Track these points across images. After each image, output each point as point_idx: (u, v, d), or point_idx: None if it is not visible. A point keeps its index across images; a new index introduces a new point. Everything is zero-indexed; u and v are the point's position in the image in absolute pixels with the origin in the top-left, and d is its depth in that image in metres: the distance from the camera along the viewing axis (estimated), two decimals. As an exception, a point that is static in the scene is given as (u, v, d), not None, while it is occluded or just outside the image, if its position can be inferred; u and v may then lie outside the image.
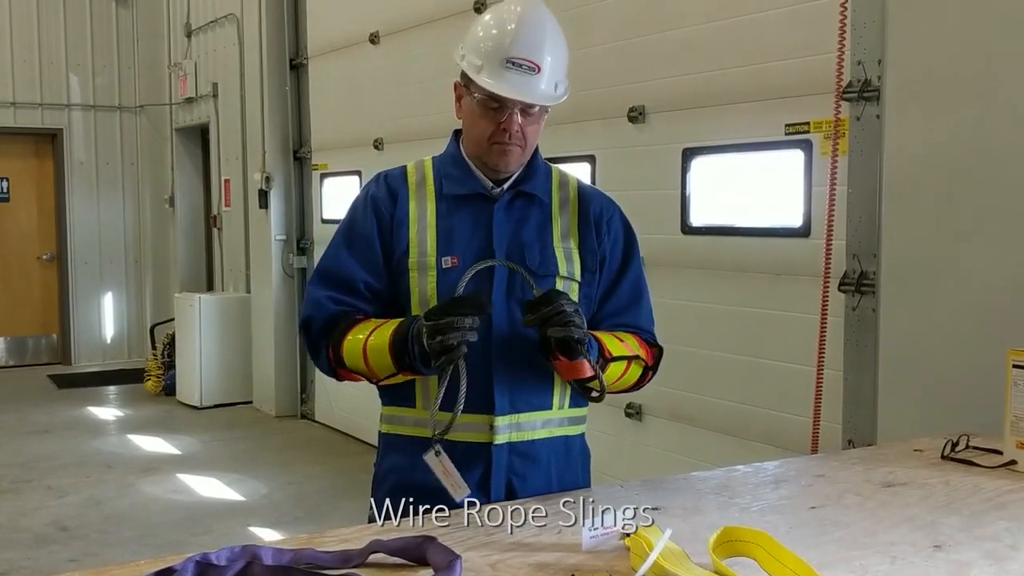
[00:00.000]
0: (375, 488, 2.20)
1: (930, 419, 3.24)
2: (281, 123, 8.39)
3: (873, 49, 3.56)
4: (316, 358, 2.13)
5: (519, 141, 2.05)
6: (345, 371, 2.07)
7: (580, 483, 2.20)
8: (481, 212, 2.10)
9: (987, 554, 1.64)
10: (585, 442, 2.25)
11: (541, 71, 2.03)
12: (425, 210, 2.11)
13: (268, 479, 6.37)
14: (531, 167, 2.15)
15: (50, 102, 10.42)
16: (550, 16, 2.11)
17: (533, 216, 2.13)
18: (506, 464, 2.07)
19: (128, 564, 1.57)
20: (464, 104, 2.10)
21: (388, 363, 1.97)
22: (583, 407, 2.20)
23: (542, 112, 2.09)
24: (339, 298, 2.09)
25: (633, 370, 2.15)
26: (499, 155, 2.06)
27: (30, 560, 4.94)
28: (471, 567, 1.55)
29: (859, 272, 3.65)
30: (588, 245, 2.15)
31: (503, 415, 2.05)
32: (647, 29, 4.70)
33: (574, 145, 5.21)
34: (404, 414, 2.12)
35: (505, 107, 2.02)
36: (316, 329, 2.09)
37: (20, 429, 7.81)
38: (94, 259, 10.70)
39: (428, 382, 2.05)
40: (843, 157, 3.66)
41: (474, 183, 2.11)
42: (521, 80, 2.01)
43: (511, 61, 2.00)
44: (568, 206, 2.18)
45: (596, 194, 2.26)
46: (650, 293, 2.30)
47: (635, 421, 4.87)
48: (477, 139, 2.08)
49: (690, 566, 1.49)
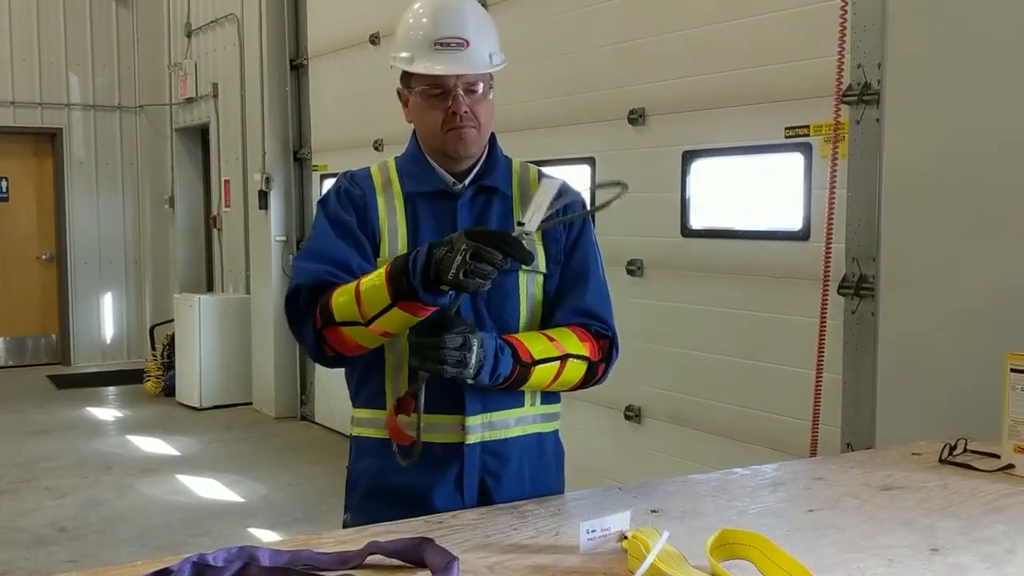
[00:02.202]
0: (348, 492, 2.18)
1: (928, 423, 3.24)
2: (281, 124, 8.39)
3: (873, 52, 3.56)
4: (300, 325, 2.01)
5: (471, 122, 2.04)
6: (331, 329, 1.95)
7: (554, 483, 2.18)
8: (444, 209, 2.09)
9: (984, 557, 1.64)
10: (559, 440, 2.22)
11: (470, 44, 2.03)
12: (393, 210, 2.10)
13: (267, 480, 6.37)
14: (491, 161, 2.15)
15: (50, 102, 10.43)
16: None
17: (495, 210, 2.12)
18: (479, 464, 2.05)
19: (126, 565, 1.57)
20: (411, 104, 2.11)
21: (383, 294, 1.85)
22: (556, 403, 2.18)
23: (487, 89, 2.08)
24: (334, 272, 2.00)
25: (572, 368, 2.04)
26: (456, 140, 2.05)
27: (28, 561, 4.94)
28: (469, 569, 1.55)
29: (858, 275, 3.65)
30: (551, 235, 2.13)
31: (474, 415, 2.03)
32: (647, 31, 4.71)
33: (574, 147, 5.21)
34: (375, 416, 2.08)
35: (448, 91, 2.02)
36: (305, 296, 2.00)
37: (19, 429, 7.81)
38: (94, 259, 10.70)
39: (399, 382, 2.02)
40: (843, 160, 3.66)
41: (435, 180, 2.10)
42: (453, 57, 2.02)
43: (438, 43, 2.02)
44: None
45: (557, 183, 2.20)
46: (607, 280, 2.22)
47: (634, 423, 4.87)
48: (431, 131, 2.07)
49: (687, 568, 1.49)
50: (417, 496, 2.01)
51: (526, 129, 5.39)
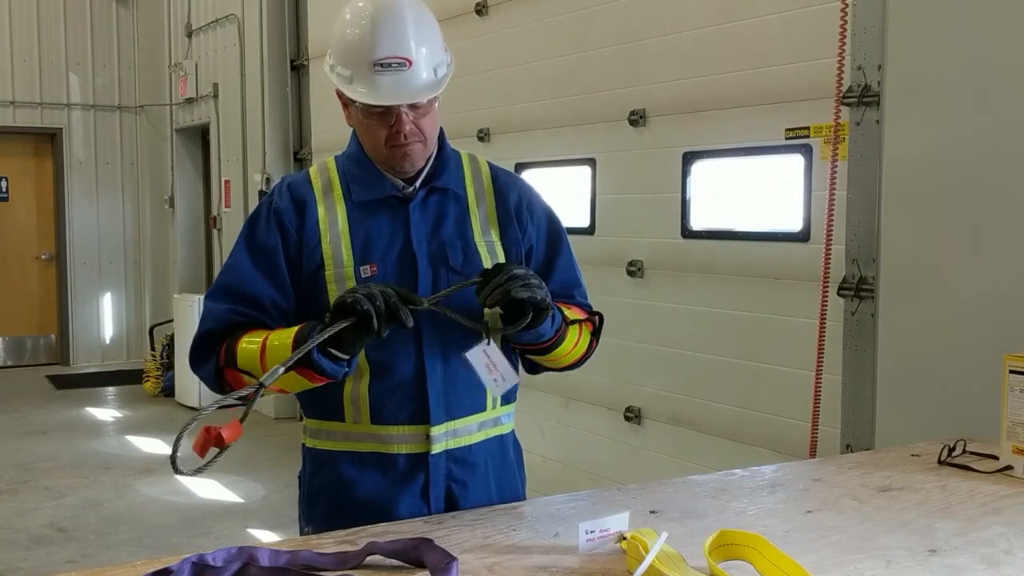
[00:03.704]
0: (308, 508, 2.10)
1: (928, 424, 3.24)
2: (281, 124, 8.39)
3: (873, 54, 3.56)
4: (200, 364, 1.96)
5: (417, 137, 1.95)
6: (231, 371, 1.91)
7: (518, 487, 2.15)
8: (396, 214, 2.00)
9: (982, 559, 1.64)
10: (516, 439, 2.19)
11: (413, 63, 1.90)
12: (336, 218, 1.99)
13: (267, 481, 6.36)
14: (440, 160, 2.05)
15: (50, 101, 10.43)
16: (402, 2, 1.95)
17: (450, 212, 2.04)
18: (444, 472, 2.00)
19: (125, 565, 1.58)
20: (351, 112, 2.00)
21: (286, 353, 1.78)
22: (512, 403, 2.14)
23: (431, 101, 1.96)
24: (243, 311, 1.94)
25: (584, 336, 2.06)
26: (401, 158, 1.96)
27: (27, 561, 4.94)
28: (467, 569, 1.55)
29: (858, 277, 3.65)
30: (511, 236, 2.07)
31: (439, 424, 1.97)
32: (648, 33, 4.71)
33: (574, 148, 5.21)
34: (332, 428, 2.02)
35: (390, 109, 1.91)
36: (213, 339, 1.94)
37: (18, 430, 7.81)
38: (93, 259, 10.70)
39: (359, 395, 1.96)
40: (843, 162, 3.66)
41: (385, 185, 2.01)
42: (395, 80, 1.89)
43: (379, 64, 1.88)
44: (484, 196, 2.08)
45: (510, 179, 2.15)
46: (579, 265, 2.20)
47: (634, 424, 4.87)
48: (374, 146, 1.98)
49: (686, 569, 1.49)
50: (381, 508, 1.95)
51: (526, 130, 5.40)
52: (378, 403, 1.97)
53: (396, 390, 1.96)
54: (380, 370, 1.96)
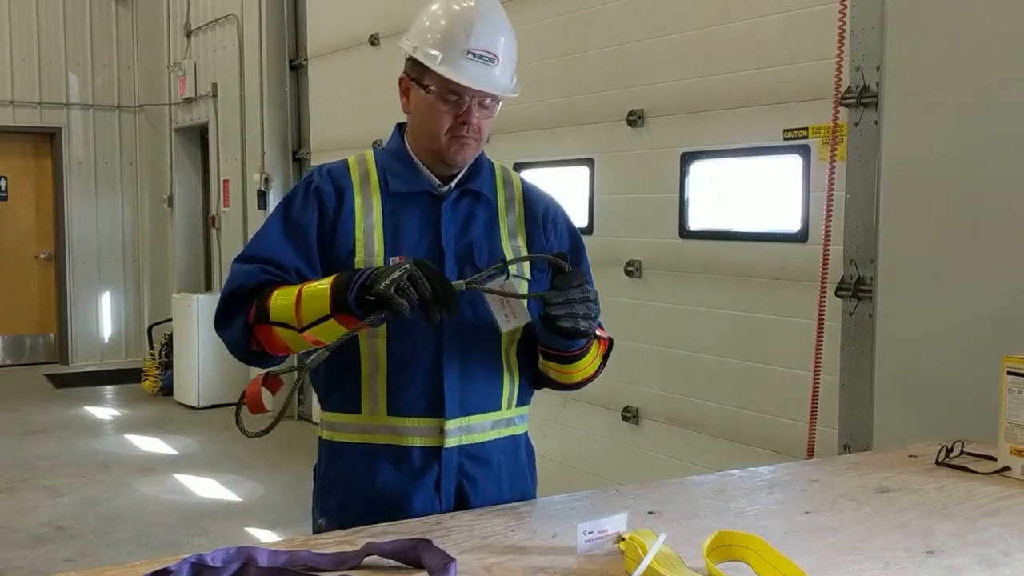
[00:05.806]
0: (321, 499, 2.12)
1: (926, 425, 3.25)
2: (280, 124, 8.39)
3: (872, 55, 3.56)
4: (229, 320, 1.96)
5: (475, 134, 2.01)
6: (263, 326, 1.92)
7: (528, 487, 2.17)
8: (428, 211, 2.04)
9: (980, 560, 1.64)
10: (530, 441, 2.21)
11: (499, 62, 1.99)
12: (371, 207, 2.03)
13: (265, 480, 6.36)
14: (476, 165, 2.11)
15: (49, 101, 10.42)
16: (500, 6, 2.07)
17: (480, 214, 2.09)
18: (456, 467, 2.02)
19: (124, 565, 1.58)
20: (415, 98, 2.04)
21: (324, 304, 1.82)
22: (527, 405, 2.17)
23: (495, 105, 2.04)
24: (271, 271, 1.97)
25: (598, 356, 2.12)
26: (457, 149, 2.01)
27: (26, 560, 4.94)
28: (466, 570, 1.55)
29: (856, 277, 3.66)
30: (537, 244, 2.11)
31: (453, 419, 2.00)
32: (646, 33, 4.71)
33: (573, 148, 5.22)
34: (349, 420, 2.04)
35: (463, 99, 1.97)
36: (243, 296, 1.95)
37: (17, 429, 7.80)
38: (92, 259, 10.70)
39: (376, 386, 1.99)
40: (841, 163, 3.67)
41: (422, 181, 2.06)
42: (481, 71, 1.97)
43: (472, 52, 1.96)
44: (514, 205, 2.14)
45: (540, 193, 2.21)
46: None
47: (632, 424, 4.87)
48: (433, 133, 2.01)
49: (684, 571, 1.49)
50: (395, 501, 1.98)
51: (525, 130, 5.39)
52: (395, 394, 2.00)
53: (414, 382, 1.99)
54: (399, 361, 1.99)
